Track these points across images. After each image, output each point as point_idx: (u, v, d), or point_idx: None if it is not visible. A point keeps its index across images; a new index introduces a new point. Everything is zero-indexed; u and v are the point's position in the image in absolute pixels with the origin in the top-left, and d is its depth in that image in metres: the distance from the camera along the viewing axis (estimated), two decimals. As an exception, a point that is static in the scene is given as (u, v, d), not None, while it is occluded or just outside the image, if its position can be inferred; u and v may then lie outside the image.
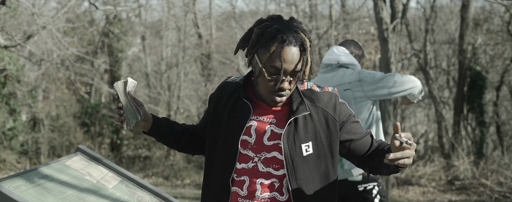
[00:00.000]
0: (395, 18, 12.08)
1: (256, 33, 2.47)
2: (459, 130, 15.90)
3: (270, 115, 2.57)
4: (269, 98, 2.51)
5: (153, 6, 22.92)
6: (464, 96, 15.85)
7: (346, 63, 4.79)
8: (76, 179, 3.61)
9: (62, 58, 15.91)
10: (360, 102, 4.67)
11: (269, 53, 2.41)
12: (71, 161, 3.79)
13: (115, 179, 3.85)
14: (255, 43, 2.47)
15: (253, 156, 2.54)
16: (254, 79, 2.54)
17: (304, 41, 2.43)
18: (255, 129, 2.55)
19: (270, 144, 2.53)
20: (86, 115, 18.68)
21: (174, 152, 18.94)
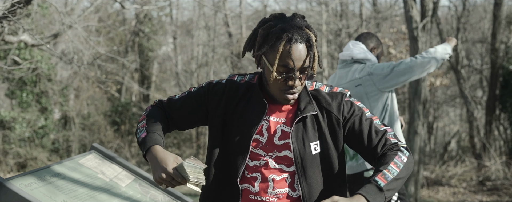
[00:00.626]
0: (425, 17, 11.93)
1: (261, 34, 2.48)
2: (491, 130, 15.67)
3: (280, 115, 2.59)
4: (281, 97, 2.52)
5: (184, 5, 22.98)
6: (496, 95, 15.60)
7: (360, 59, 4.74)
8: (88, 177, 3.60)
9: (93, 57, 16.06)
10: (373, 96, 4.63)
11: (277, 53, 2.42)
12: (84, 159, 3.79)
13: (128, 178, 3.84)
14: (261, 44, 2.49)
15: (264, 154, 2.56)
16: (264, 79, 2.55)
17: (310, 37, 2.46)
18: (266, 128, 2.57)
19: (281, 143, 2.56)
20: (116, 113, 18.81)
21: (203, 151, 18.99)
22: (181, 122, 2.72)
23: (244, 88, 2.63)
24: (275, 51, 2.43)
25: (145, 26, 19.05)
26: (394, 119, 4.74)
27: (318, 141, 2.56)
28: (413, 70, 4.57)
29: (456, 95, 18.96)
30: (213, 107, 2.63)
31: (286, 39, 2.41)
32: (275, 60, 2.42)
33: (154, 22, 19.75)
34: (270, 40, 2.44)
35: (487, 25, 18.25)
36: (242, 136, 2.56)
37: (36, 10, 14.05)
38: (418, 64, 4.57)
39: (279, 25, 2.45)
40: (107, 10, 19.28)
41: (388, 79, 4.57)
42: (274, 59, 2.43)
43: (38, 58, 15.33)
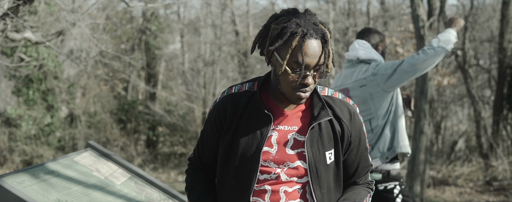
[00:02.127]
0: (432, 15, 11.87)
1: (274, 29, 2.37)
2: (498, 129, 15.57)
3: (291, 122, 2.48)
4: (293, 96, 2.41)
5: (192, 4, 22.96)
6: (504, 95, 15.50)
7: (366, 59, 4.70)
8: (83, 175, 3.58)
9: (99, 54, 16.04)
10: (377, 97, 4.58)
11: (291, 49, 2.33)
12: (80, 157, 3.76)
13: (124, 176, 3.81)
14: (274, 40, 2.37)
15: (275, 167, 2.46)
16: (274, 77, 2.44)
17: (325, 33, 2.36)
18: (276, 139, 2.46)
19: (294, 153, 2.46)
20: (122, 112, 18.82)
21: (209, 149, 18.96)
22: (214, 162, 2.63)
23: (245, 98, 2.51)
24: (289, 47, 2.33)
25: (152, 24, 19.04)
26: (398, 114, 4.70)
27: (333, 150, 2.48)
28: (417, 67, 4.52)
29: (463, 95, 18.87)
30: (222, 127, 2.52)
31: (301, 34, 2.32)
32: (287, 56, 2.33)
33: (161, 20, 19.74)
34: (284, 35, 2.34)
35: (496, 24, 18.14)
36: (250, 149, 2.45)
37: (43, 8, 14.06)
38: (421, 61, 4.51)
39: (293, 20, 2.36)
40: (115, 8, 19.29)
41: (392, 79, 4.52)
42: (288, 55, 2.33)
43: (44, 56, 15.34)
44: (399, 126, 4.67)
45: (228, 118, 2.48)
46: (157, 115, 18.94)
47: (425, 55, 4.52)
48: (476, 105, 15.75)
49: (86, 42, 14.91)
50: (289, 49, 2.33)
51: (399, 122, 4.69)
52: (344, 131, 2.48)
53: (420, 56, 4.52)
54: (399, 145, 4.60)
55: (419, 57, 4.50)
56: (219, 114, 2.51)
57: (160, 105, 20.00)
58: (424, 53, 4.53)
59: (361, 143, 2.55)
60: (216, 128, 2.53)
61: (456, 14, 19.68)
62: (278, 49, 2.36)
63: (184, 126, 19.31)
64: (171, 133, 19.53)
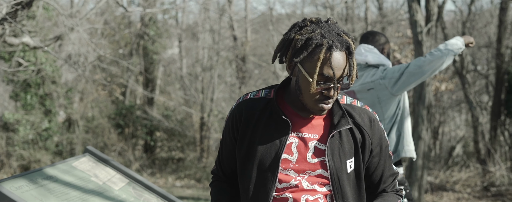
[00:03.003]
0: (430, 21, 11.90)
1: (299, 40, 2.33)
2: (496, 135, 15.58)
3: (312, 130, 2.44)
4: (315, 107, 2.37)
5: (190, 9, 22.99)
6: (501, 101, 15.52)
7: (374, 64, 4.69)
8: (81, 180, 3.57)
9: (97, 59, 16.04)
10: (384, 100, 4.58)
11: (317, 61, 2.29)
12: (78, 162, 3.76)
13: (122, 181, 3.81)
14: (298, 51, 2.33)
15: (295, 175, 2.41)
16: (296, 88, 2.39)
17: (350, 45, 2.33)
18: (296, 146, 2.42)
19: (315, 161, 2.42)
20: (120, 116, 18.81)
21: (207, 154, 18.95)
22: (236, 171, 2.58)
23: (261, 104, 2.47)
24: (314, 59, 2.29)
25: (150, 29, 19.05)
26: (405, 118, 4.71)
27: (353, 158, 2.44)
28: (423, 69, 4.51)
29: (461, 101, 18.88)
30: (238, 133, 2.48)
31: (326, 46, 2.27)
32: (315, 69, 2.29)
33: (159, 25, 19.75)
34: (309, 47, 2.29)
35: (493, 30, 18.17)
36: (269, 156, 2.41)
37: (41, 13, 14.06)
38: (427, 62, 4.51)
39: (318, 31, 2.31)
40: (113, 13, 19.30)
41: (400, 82, 4.52)
42: (313, 68, 2.29)
43: (42, 61, 15.34)
44: (405, 130, 4.68)
45: (243, 123, 2.45)
46: (155, 119, 18.93)
47: (432, 56, 4.52)
48: (473, 110, 15.76)
49: (84, 47, 14.90)
50: (314, 62, 2.30)
51: (406, 126, 4.70)
52: (365, 138, 2.46)
53: (426, 58, 4.52)
54: (404, 150, 4.61)
55: (425, 59, 4.50)
56: (235, 119, 2.48)
57: (158, 109, 19.99)
58: (431, 54, 4.53)
59: (383, 150, 2.52)
60: (233, 135, 2.50)
61: (454, 20, 19.71)
62: (302, 61, 2.33)
63: (182, 131, 19.30)
64: (169, 138, 19.52)
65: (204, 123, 19.10)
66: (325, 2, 19.64)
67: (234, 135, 2.49)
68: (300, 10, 23.66)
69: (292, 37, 2.36)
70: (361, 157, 2.45)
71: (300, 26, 2.38)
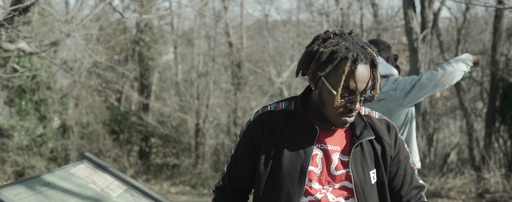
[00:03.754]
0: (425, 28, 11.94)
1: (323, 53, 2.30)
2: (490, 142, 15.62)
3: (334, 142, 2.42)
4: (338, 121, 2.35)
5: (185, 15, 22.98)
6: (496, 108, 15.56)
7: (383, 74, 4.69)
8: (79, 187, 3.57)
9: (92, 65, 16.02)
10: (394, 111, 4.60)
11: (342, 74, 2.27)
12: (76, 169, 3.76)
13: (120, 188, 3.81)
14: (323, 65, 2.30)
15: (319, 188, 2.39)
16: (320, 101, 2.37)
17: (374, 58, 2.31)
18: (321, 158, 2.40)
19: (339, 173, 2.39)
20: (115, 122, 18.78)
21: (202, 161, 18.93)
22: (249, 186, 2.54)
23: (283, 116, 2.43)
24: (339, 72, 2.27)
25: (145, 35, 19.05)
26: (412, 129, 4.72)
27: (375, 169, 2.42)
28: (435, 82, 4.52)
29: (456, 107, 18.92)
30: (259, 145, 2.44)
31: (351, 59, 2.26)
32: (340, 82, 2.27)
33: (154, 31, 19.75)
34: (334, 60, 2.27)
35: (488, 37, 18.24)
36: (295, 169, 2.37)
37: (37, 18, 14.05)
38: (439, 76, 4.53)
39: (343, 44, 2.29)
40: (109, 19, 19.29)
41: (411, 94, 4.53)
42: (338, 81, 2.28)
43: (37, 66, 15.31)
44: (413, 141, 4.70)
45: (266, 135, 2.41)
46: (150, 126, 18.91)
47: (444, 71, 4.54)
48: (468, 117, 15.80)
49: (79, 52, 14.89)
50: (339, 75, 2.28)
51: (413, 137, 4.71)
52: (385, 149, 2.44)
53: (438, 72, 4.53)
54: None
55: (438, 73, 4.52)
56: (256, 131, 2.43)
57: (153, 116, 19.97)
58: (443, 69, 4.55)
59: (402, 161, 2.49)
60: (253, 147, 2.45)
61: (449, 27, 19.77)
62: (327, 73, 2.31)
63: (177, 137, 19.29)
64: (164, 144, 19.50)
65: (199, 129, 19.09)
66: (320, 9, 19.68)
67: (254, 148, 2.44)
68: (296, 17, 23.71)
69: (316, 50, 2.34)
70: (383, 168, 2.44)
71: (323, 39, 2.36)
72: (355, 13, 20.66)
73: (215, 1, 21.48)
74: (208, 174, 17.95)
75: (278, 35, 22.36)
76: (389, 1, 31.63)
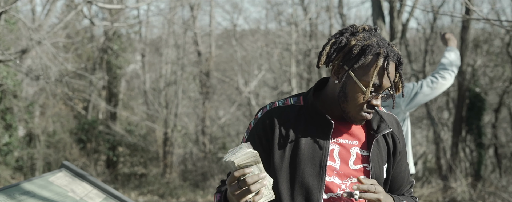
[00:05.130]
0: (394, 38, 12.03)
1: (355, 46, 2.26)
2: (457, 151, 15.80)
3: (350, 136, 2.39)
4: (357, 116, 2.31)
5: (153, 23, 22.90)
6: (462, 117, 15.76)
7: None
8: (58, 196, 3.52)
9: (60, 73, 15.85)
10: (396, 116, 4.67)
11: (374, 70, 2.24)
12: (54, 177, 3.70)
13: (99, 196, 3.76)
14: (355, 58, 2.26)
15: (339, 183, 2.34)
16: (341, 95, 2.31)
17: (400, 56, 2.30)
18: (338, 153, 2.36)
19: (357, 168, 2.36)
20: (82, 131, 18.59)
21: (170, 170, 18.83)
22: None
23: (293, 112, 2.38)
24: (371, 68, 2.24)
25: (113, 44, 18.93)
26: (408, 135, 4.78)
27: (386, 164, 2.41)
28: (436, 90, 4.61)
29: (423, 117, 19.11)
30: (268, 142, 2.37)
31: (383, 55, 2.23)
32: (370, 78, 2.24)
33: (123, 39, 19.63)
34: (367, 55, 2.23)
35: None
36: (313, 164, 2.32)
37: (4, 25, 13.85)
38: (440, 84, 4.61)
39: (374, 39, 2.26)
40: (76, 27, 19.12)
41: (414, 102, 4.61)
42: (368, 76, 2.24)
43: (3, 75, 15.09)
44: (409, 145, 4.76)
45: (277, 131, 2.35)
46: (117, 134, 18.76)
47: (442, 77, 4.61)
48: (435, 126, 15.97)
49: (47, 60, 14.72)
50: (369, 70, 2.25)
51: (409, 141, 4.78)
52: (396, 144, 2.43)
53: (439, 80, 4.60)
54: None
55: (437, 80, 4.58)
56: (265, 128, 2.37)
57: (121, 124, 19.83)
58: (442, 77, 4.61)
59: (405, 157, 2.50)
60: (261, 144, 2.37)
61: (416, 37, 19.99)
62: (355, 67, 2.27)
63: (145, 146, 19.17)
64: (132, 153, 19.35)
65: (167, 138, 19.00)
66: (289, 18, 19.76)
67: (262, 144, 2.37)
68: (264, 26, 23.78)
69: (346, 42, 2.29)
70: (392, 163, 2.43)
71: (352, 32, 2.32)
72: (323, 23, 20.79)
73: (184, 10, 21.40)
74: (176, 183, 17.85)
75: (247, 44, 22.40)
76: (356, 11, 31.83)
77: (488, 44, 17.13)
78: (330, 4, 19.39)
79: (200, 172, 18.59)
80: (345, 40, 2.29)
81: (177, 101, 19.28)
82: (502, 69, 16.63)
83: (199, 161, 18.88)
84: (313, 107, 2.36)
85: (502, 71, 16.68)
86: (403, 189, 2.54)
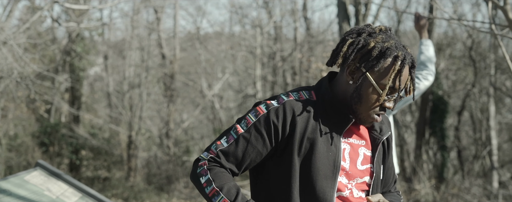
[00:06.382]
0: (360, 41, 12.11)
1: (375, 47, 2.22)
2: (420, 154, 15.99)
3: (359, 137, 2.35)
4: (368, 118, 2.28)
5: (117, 25, 22.73)
6: (426, 120, 15.95)
7: None
8: (35, 194, 3.46)
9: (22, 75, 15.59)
10: None
11: (392, 72, 2.22)
12: (30, 176, 3.64)
13: (75, 195, 3.71)
14: (373, 60, 2.22)
15: (346, 183, 2.31)
16: (355, 95, 2.26)
17: (414, 59, 2.27)
18: (349, 153, 2.31)
19: (363, 168, 2.33)
20: (45, 134, 18.33)
21: (134, 173, 18.68)
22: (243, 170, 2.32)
23: (311, 106, 2.29)
24: (390, 70, 2.21)
25: (77, 46, 18.71)
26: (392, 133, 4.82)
27: (383, 165, 2.41)
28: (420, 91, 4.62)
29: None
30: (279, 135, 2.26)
31: (401, 58, 2.21)
32: (388, 80, 2.21)
33: (86, 41, 19.43)
34: (387, 57, 2.21)
35: (416, 51, 18.70)
36: (328, 163, 2.26)
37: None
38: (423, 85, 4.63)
39: (392, 42, 2.23)
40: (37, 29, 18.86)
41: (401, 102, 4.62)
42: (386, 79, 2.22)
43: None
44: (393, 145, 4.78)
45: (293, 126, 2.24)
46: (81, 138, 18.54)
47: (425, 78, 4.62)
48: (399, 129, 16.13)
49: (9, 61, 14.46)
50: (388, 73, 2.22)
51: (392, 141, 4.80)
52: (390, 145, 2.43)
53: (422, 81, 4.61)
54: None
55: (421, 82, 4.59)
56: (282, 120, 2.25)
57: (84, 127, 19.60)
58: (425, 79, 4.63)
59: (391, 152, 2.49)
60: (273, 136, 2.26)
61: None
62: (373, 69, 2.23)
63: (108, 149, 18.98)
64: (95, 157, 19.14)
65: (131, 141, 18.84)
66: (254, 21, 19.79)
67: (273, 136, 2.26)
68: (228, 28, 23.79)
69: (365, 43, 2.25)
70: (386, 162, 2.42)
71: (369, 33, 2.27)
72: (288, 26, 20.88)
73: (148, 13, 21.29)
74: (141, 186, 17.71)
75: (212, 47, 22.37)
76: (320, 14, 32.08)
77: (451, 48, 17.37)
78: (295, 7, 19.49)
79: (164, 175, 18.48)
80: (363, 41, 2.25)
81: (141, 103, 19.15)
82: (464, 72, 16.88)
83: (164, 164, 18.78)
84: (333, 104, 2.30)
85: (464, 74, 16.93)
86: (390, 185, 2.53)
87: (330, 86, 2.35)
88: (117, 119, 20.03)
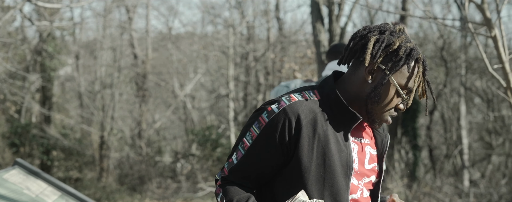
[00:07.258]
0: (333, 41, 12.19)
1: (400, 48, 2.17)
2: (392, 153, 16.09)
3: (365, 135, 2.32)
4: (382, 119, 2.24)
5: (89, 25, 22.55)
6: (398, 120, 16.07)
7: None
8: (14, 193, 3.42)
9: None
10: None
11: (412, 74, 2.20)
12: (8, 175, 3.60)
13: (54, 194, 3.68)
14: (398, 61, 2.18)
15: (357, 183, 2.26)
16: (372, 95, 2.20)
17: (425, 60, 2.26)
18: (357, 152, 2.27)
19: (370, 167, 2.30)
20: (15, 135, 18.11)
21: (106, 174, 18.55)
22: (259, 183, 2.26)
23: (316, 107, 2.21)
24: (412, 72, 2.20)
25: (48, 45, 18.53)
26: None
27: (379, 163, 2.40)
28: None
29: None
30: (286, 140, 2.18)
31: (421, 60, 2.20)
32: (408, 81, 2.19)
33: (57, 41, 19.24)
34: (410, 59, 2.17)
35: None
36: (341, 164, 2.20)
37: None
38: None
39: (414, 42, 2.21)
40: (6, 28, 18.64)
41: None
42: (406, 80, 2.19)
43: None
44: None
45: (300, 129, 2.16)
46: (52, 138, 18.36)
47: None
48: (372, 129, 16.23)
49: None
50: (410, 74, 2.20)
51: None
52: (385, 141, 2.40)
53: None
54: None
55: None
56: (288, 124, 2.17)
57: (56, 128, 19.42)
58: None
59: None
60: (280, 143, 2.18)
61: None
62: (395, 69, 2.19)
63: (80, 150, 18.81)
64: (67, 157, 18.95)
65: (103, 141, 18.71)
66: (226, 21, 19.78)
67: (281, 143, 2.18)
68: (200, 29, 23.73)
69: (389, 42, 2.19)
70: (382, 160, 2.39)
71: (391, 31, 2.21)
72: (260, 26, 20.89)
73: (120, 12, 21.17)
74: (113, 187, 17.59)
75: (184, 47, 22.31)
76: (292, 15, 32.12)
77: (422, 49, 17.53)
78: (268, 8, 19.53)
79: (137, 175, 18.38)
80: (387, 40, 2.19)
81: (113, 103, 19.02)
82: (435, 73, 17.04)
83: (136, 164, 18.68)
84: (340, 103, 2.22)
85: (435, 75, 17.09)
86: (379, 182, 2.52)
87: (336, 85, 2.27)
88: (89, 119, 19.87)
